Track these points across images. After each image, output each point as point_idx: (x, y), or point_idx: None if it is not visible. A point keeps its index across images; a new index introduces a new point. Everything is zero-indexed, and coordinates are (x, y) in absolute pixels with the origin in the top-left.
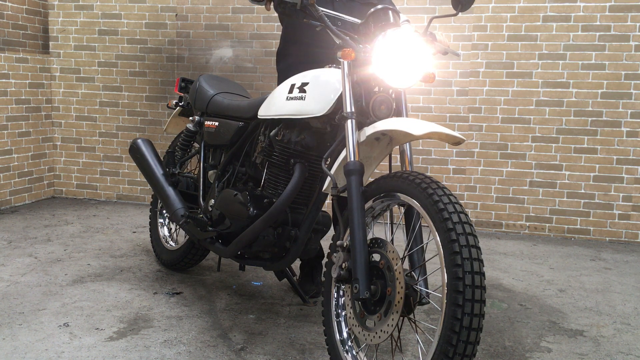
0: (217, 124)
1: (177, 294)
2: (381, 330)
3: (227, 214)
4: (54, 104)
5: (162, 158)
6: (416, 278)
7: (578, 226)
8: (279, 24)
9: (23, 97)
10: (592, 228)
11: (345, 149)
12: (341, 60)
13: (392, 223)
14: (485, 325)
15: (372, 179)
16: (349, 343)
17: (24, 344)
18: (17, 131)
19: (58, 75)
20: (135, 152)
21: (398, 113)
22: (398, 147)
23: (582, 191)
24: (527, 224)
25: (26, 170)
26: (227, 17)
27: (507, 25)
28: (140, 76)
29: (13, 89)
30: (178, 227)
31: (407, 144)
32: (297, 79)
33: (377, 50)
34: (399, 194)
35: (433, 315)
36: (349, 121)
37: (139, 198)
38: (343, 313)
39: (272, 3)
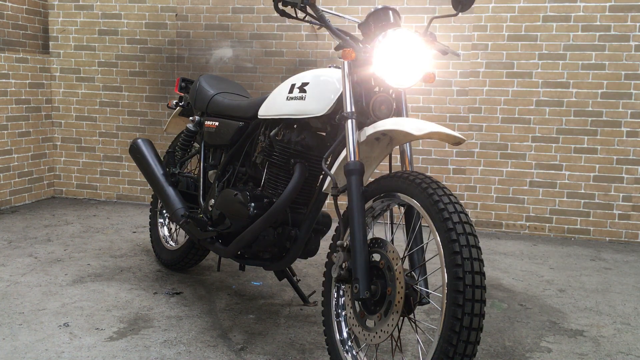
0: (217, 124)
1: (177, 294)
2: (381, 330)
3: (227, 213)
4: (54, 104)
5: (162, 158)
6: (416, 278)
7: (578, 226)
8: (279, 23)
9: (23, 97)
10: (592, 228)
11: (345, 149)
12: (341, 60)
13: (392, 223)
14: (485, 325)
15: (372, 179)
16: (349, 343)
17: (24, 344)
18: (17, 131)
19: (58, 75)
20: (135, 152)
21: (398, 113)
22: (398, 147)
23: (582, 191)
24: (527, 224)
25: (26, 170)
26: (227, 17)
27: (507, 25)
28: (140, 76)
29: (13, 89)
30: (178, 227)
31: (407, 144)
32: (297, 78)
33: (377, 50)
34: (399, 194)
35: (433, 315)
36: (349, 121)
37: (139, 198)
38: (343, 313)
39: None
